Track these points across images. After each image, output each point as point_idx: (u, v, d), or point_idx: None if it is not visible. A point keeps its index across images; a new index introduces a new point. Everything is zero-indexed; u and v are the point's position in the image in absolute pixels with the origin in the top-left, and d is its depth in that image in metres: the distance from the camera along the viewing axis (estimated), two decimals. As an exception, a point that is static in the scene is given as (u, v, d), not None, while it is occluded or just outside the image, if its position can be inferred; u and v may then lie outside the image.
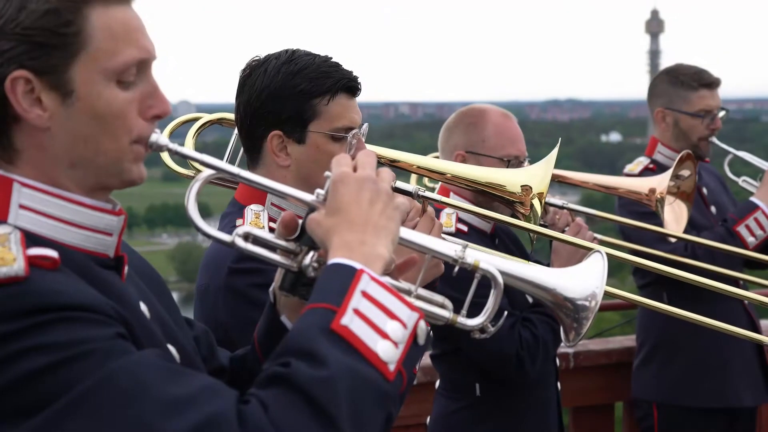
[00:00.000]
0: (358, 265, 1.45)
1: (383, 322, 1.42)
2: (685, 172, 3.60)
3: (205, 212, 1.64)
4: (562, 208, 3.40)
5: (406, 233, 1.64)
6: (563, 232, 3.39)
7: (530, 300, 3.36)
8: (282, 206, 2.37)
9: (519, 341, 3.23)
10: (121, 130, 1.50)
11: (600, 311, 3.89)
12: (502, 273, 1.65)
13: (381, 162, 2.67)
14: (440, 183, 3.44)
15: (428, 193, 2.48)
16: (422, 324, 1.47)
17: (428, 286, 2.34)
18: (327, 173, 1.57)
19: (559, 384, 3.53)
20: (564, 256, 3.25)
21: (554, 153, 2.73)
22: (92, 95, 1.47)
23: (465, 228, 3.33)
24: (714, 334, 4.00)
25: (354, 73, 2.42)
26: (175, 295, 2.15)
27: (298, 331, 1.40)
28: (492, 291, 1.64)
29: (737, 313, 4.11)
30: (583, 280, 1.70)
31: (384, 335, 1.41)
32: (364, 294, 1.42)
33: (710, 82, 4.16)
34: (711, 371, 4.13)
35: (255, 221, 2.32)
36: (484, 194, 2.79)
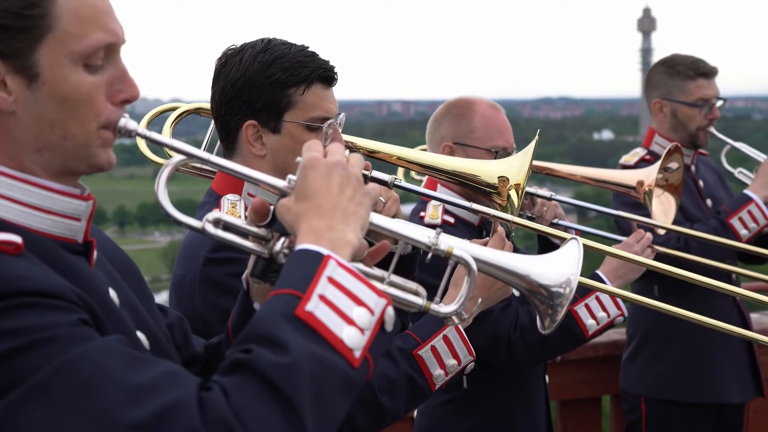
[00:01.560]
0: (325, 251, 1.43)
1: (349, 308, 1.41)
2: (673, 165, 3.59)
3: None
4: (549, 199, 3.39)
5: (378, 219, 1.62)
6: (551, 223, 3.38)
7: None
8: (259, 195, 2.35)
9: (514, 323, 3.20)
10: (88, 114, 1.48)
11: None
12: (476, 259, 1.63)
13: (360, 153, 2.65)
14: (427, 175, 3.43)
15: (404, 183, 2.48)
16: (390, 310, 1.46)
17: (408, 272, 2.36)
18: (298, 159, 1.56)
19: (547, 377, 3.52)
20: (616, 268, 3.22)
21: (532, 144, 2.72)
22: (59, 79, 1.45)
23: (452, 220, 3.32)
24: (703, 329, 4.01)
25: (330, 63, 2.40)
26: (166, 293, 2.14)
27: (261, 317, 1.38)
28: (466, 278, 1.62)
29: (728, 308, 4.10)
30: (558, 267, 1.69)
31: (350, 321, 1.40)
32: (331, 280, 1.41)
33: (707, 72, 4.14)
34: (700, 366, 4.13)
35: (231, 211, 2.30)
36: (462, 185, 2.78)
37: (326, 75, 2.38)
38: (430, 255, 1.64)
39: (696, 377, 4.12)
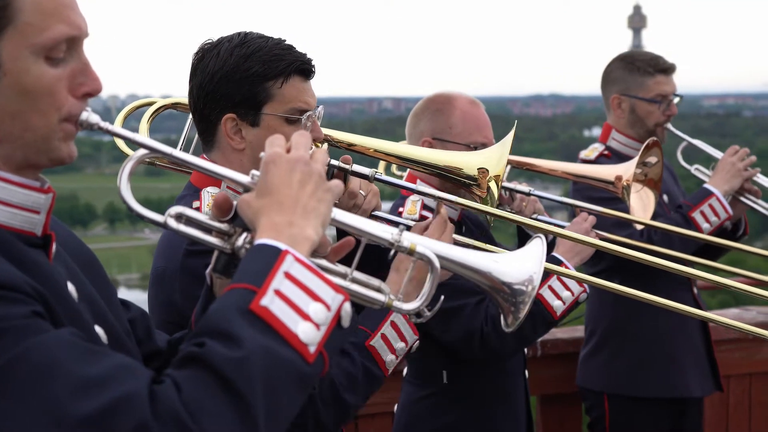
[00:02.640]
0: (283, 246, 1.43)
1: (305, 304, 1.40)
2: (652, 159, 3.60)
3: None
4: (528, 194, 3.40)
5: (342, 216, 1.62)
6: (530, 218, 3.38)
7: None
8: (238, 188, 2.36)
9: (486, 317, 3.21)
10: (49, 107, 1.47)
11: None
12: (439, 257, 1.63)
13: (338, 146, 2.65)
14: (408, 170, 3.43)
15: (385, 176, 2.48)
16: (347, 306, 1.45)
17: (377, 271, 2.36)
18: (262, 154, 1.55)
19: (527, 372, 3.53)
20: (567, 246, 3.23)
21: (510, 136, 2.72)
22: (20, 71, 1.44)
23: (430, 216, 3.31)
24: (663, 324, 4.06)
25: (308, 56, 2.41)
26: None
27: (215, 311, 1.38)
28: (428, 275, 1.62)
29: (686, 300, 4.12)
30: (521, 264, 1.69)
31: (305, 317, 1.39)
32: (287, 275, 1.41)
33: (666, 68, 4.17)
34: (660, 362, 4.15)
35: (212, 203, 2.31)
36: (441, 177, 2.78)
37: (304, 68, 2.38)
38: (393, 252, 1.65)
39: (656, 373, 4.14)
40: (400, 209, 3.32)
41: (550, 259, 3.23)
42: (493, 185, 2.65)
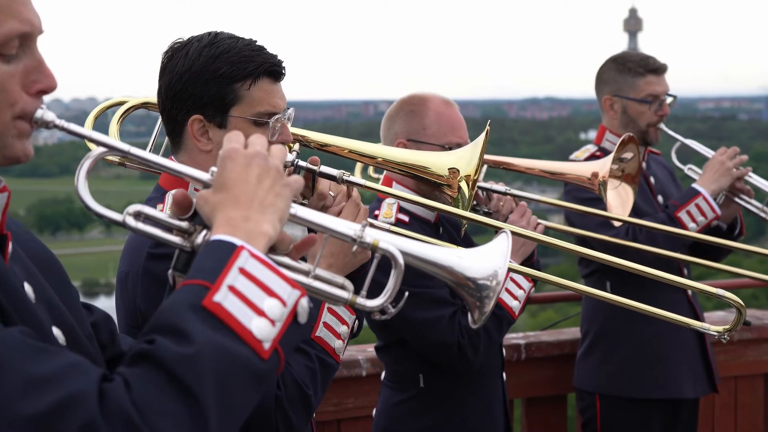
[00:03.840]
0: (238, 242, 1.42)
1: (260, 300, 1.39)
2: (628, 155, 3.58)
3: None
4: (504, 194, 3.38)
5: (303, 212, 1.61)
6: (506, 218, 3.37)
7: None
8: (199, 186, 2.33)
9: (459, 330, 3.21)
10: (2, 103, 1.46)
11: (551, 302, 3.89)
12: (403, 253, 1.62)
13: (310, 146, 2.62)
14: (385, 172, 3.41)
15: (353, 178, 2.46)
16: (303, 302, 1.44)
17: (356, 272, 2.34)
18: (220, 151, 1.54)
19: (504, 375, 3.51)
20: None
21: (482, 137, 2.71)
22: None
23: (406, 218, 3.30)
24: (656, 325, 4.04)
25: (278, 57, 2.38)
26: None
27: (167, 307, 1.37)
28: (392, 271, 1.61)
29: (680, 303, 4.12)
30: (486, 260, 1.68)
31: (260, 313, 1.38)
32: (242, 271, 1.39)
33: (657, 68, 4.16)
34: (653, 362, 4.14)
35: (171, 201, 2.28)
36: (412, 177, 2.76)
37: (273, 69, 2.35)
38: (355, 248, 1.63)
39: (649, 373, 4.13)
40: (376, 212, 3.31)
41: None
42: (464, 185, 2.63)
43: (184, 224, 1.58)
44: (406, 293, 1.80)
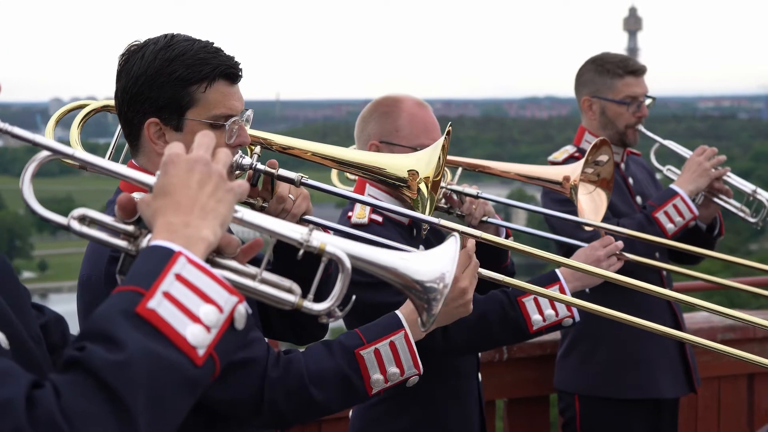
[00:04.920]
0: (176, 248, 1.41)
1: (196, 306, 1.38)
2: (603, 158, 3.57)
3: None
4: (476, 197, 3.37)
5: (250, 216, 1.60)
6: (475, 223, 3.34)
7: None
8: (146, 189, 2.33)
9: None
10: None
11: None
12: (350, 256, 1.61)
13: (272, 149, 2.62)
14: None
15: (311, 181, 2.46)
16: (241, 308, 1.43)
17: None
18: (163, 156, 1.54)
19: (480, 376, 3.49)
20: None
21: (441, 139, 2.70)
22: None
23: (380, 219, 3.28)
24: (635, 327, 4.02)
25: (235, 59, 2.36)
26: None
27: (99, 314, 1.35)
28: (339, 275, 1.60)
29: (660, 307, 4.11)
30: (434, 263, 1.69)
31: (195, 319, 1.37)
32: (178, 277, 1.38)
33: (635, 69, 4.15)
34: (632, 363, 4.12)
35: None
36: (369, 178, 2.75)
37: (229, 72, 2.33)
38: (301, 252, 1.62)
39: (628, 374, 4.12)
40: (350, 213, 3.29)
41: (551, 273, 3.18)
42: (423, 187, 2.62)
43: (130, 228, 1.57)
44: (354, 296, 1.80)
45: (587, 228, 3.52)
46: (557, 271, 3.15)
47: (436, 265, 1.67)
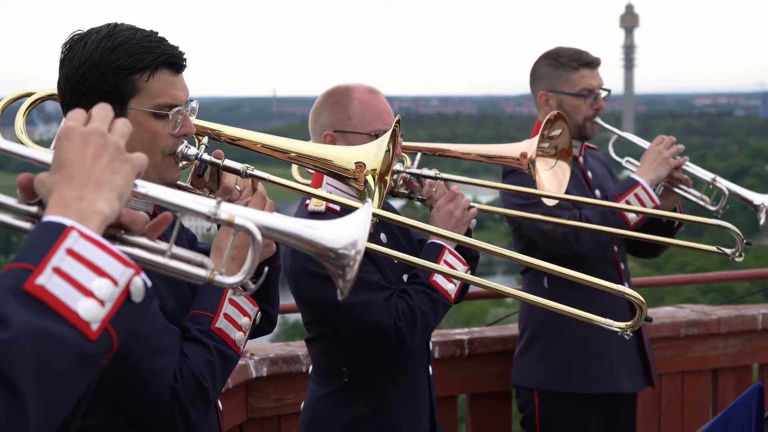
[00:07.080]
0: (69, 222, 1.38)
1: (89, 280, 1.36)
2: (557, 131, 3.56)
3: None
4: (435, 178, 3.37)
5: (154, 190, 1.57)
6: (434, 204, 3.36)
7: (405, 276, 3.34)
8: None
9: (396, 312, 3.21)
10: None
11: (493, 299, 3.85)
12: (259, 226, 1.61)
13: (221, 140, 2.61)
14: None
15: (257, 172, 2.46)
16: (137, 280, 1.40)
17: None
18: (58, 130, 1.52)
19: (431, 368, 3.49)
20: None
21: (389, 133, 2.70)
22: None
23: (338, 207, 3.28)
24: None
25: (179, 49, 2.36)
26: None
27: None
28: (250, 247, 1.60)
29: (617, 299, 4.10)
30: (345, 230, 1.69)
31: (88, 293, 1.35)
32: (70, 251, 1.36)
33: (590, 62, 4.16)
34: (590, 357, 4.12)
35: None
36: (316, 170, 2.76)
37: (173, 61, 2.33)
38: (212, 225, 1.62)
39: (587, 369, 4.12)
40: (307, 201, 3.31)
41: (431, 244, 3.32)
42: (370, 179, 2.63)
43: (33, 209, 1.54)
44: (266, 269, 1.81)
45: (552, 202, 3.52)
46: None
47: (348, 232, 1.68)
